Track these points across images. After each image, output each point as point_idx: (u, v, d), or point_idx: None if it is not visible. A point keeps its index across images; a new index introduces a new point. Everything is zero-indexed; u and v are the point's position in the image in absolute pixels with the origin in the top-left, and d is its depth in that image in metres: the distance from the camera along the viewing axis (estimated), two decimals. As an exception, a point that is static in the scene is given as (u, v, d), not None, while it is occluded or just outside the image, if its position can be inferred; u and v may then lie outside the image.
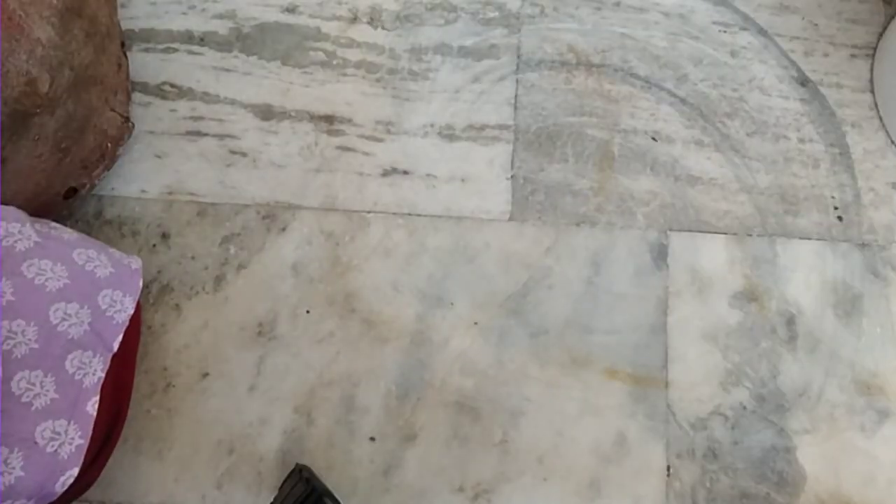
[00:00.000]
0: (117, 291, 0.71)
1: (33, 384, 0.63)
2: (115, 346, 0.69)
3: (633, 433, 0.81)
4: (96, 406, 0.66)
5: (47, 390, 0.63)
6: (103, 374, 0.67)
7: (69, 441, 0.63)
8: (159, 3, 0.97)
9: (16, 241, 0.66)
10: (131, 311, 0.71)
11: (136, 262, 0.75)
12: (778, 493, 0.79)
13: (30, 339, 0.63)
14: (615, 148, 0.91)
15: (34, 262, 0.66)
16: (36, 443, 0.62)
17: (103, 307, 0.69)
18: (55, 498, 0.64)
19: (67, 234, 0.72)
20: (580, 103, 0.93)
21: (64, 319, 0.66)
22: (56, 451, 0.62)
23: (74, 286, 0.67)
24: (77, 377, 0.65)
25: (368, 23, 0.96)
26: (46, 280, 0.66)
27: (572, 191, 0.89)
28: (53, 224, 0.73)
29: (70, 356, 0.65)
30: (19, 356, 0.62)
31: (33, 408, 0.62)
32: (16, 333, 0.62)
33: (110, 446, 0.72)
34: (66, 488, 0.63)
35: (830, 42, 0.97)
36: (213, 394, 0.81)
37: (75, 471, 0.63)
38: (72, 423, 0.64)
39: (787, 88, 0.94)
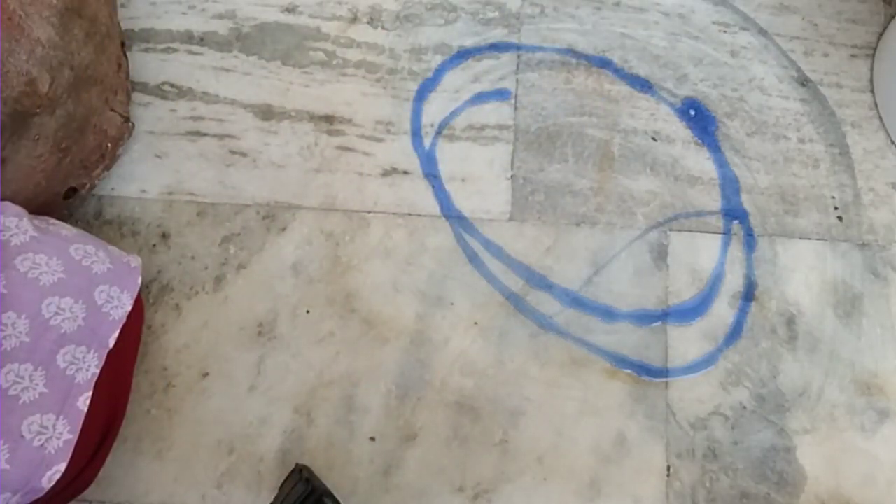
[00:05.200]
0: (114, 287, 0.70)
1: (22, 377, 0.62)
2: (111, 343, 0.69)
3: (633, 433, 0.81)
4: (88, 402, 0.66)
5: (36, 384, 0.63)
6: (98, 371, 0.67)
7: (57, 436, 0.63)
8: (159, 3, 0.97)
9: (11, 236, 0.66)
10: (128, 308, 0.71)
11: (135, 261, 0.75)
12: (778, 493, 0.79)
13: (20, 332, 0.63)
14: (615, 148, 0.91)
15: (28, 257, 0.66)
16: (22, 436, 0.61)
17: (99, 303, 0.69)
18: (42, 494, 0.63)
19: (66, 230, 0.72)
20: (580, 103, 0.93)
21: (57, 314, 0.65)
22: (43, 445, 0.62)
23: (69, 281, 0.67)
24: (69, 372, 0.65)
25: (368, 23, 0.96)
26: (40, 274, 0.66)
27: (572, 191, 0.89)
28: (52, 220, 0.72)
29: (62, 351, 0.65)
30: (9, 349, 0.62)
31: (21, 401, 0.62)
32: (6, 326, 0.62)
33: (107, 445, 0.72)
34: (53, 484, 0.63)
35: (830, 42, 0.97)
36: (213, 394, 0.81)
37: (62, 466, 0.63)
38: (60, 418, 0.64)
39: (787, 88, 0.95)
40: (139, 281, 0.73)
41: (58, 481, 0.63)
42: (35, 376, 0.63)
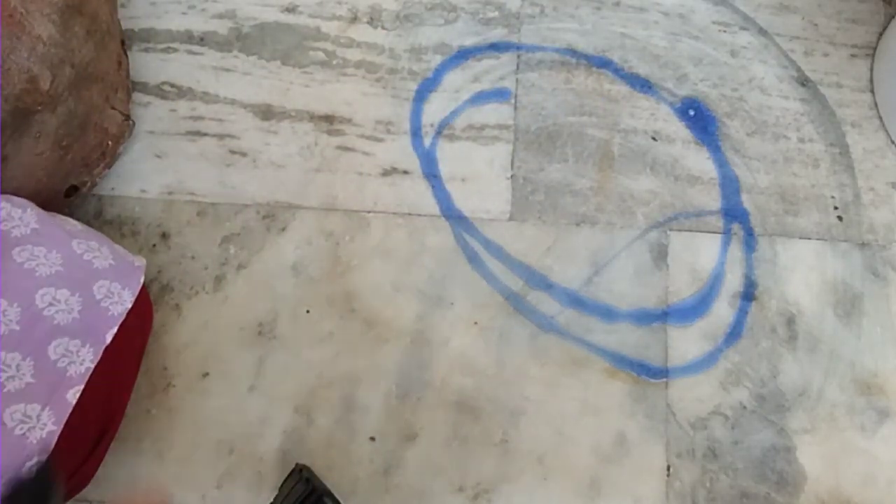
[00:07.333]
0: (115, 283, 0.70)
1: (9, 366, 0.62)
2: (109, 339, 0.68)
3: (633, 433, 0.81)
4: (78, 395, 0.65)
5: (24, 374, 0.62)
6: (92, 366, 0.66)
7: (41, 426, 0.62)
8: (159, 2, 0.97)
9: (13, 227, 0.66)
10: (129, 305, 0.70)
11: (139, 261, 0.74)
12: (778, 493, 0.79)
13: (10, 320, 0.62)
14: (615, 148, 0.91)
15: (27, 248, 0.66)
16: (4, 424, 0.61)
17: (98, 297, 0.68)
18: None
19: (70, 225, 0.72)
20: (580, 103, 0.93)
21: (51, 305, 0.65)
22: (25, 434, 0.61)
23: (67, 274, 0.66)
24: (60, 364, 0.64)
25: (368, 23, 0.97)
26: (37, 265, 0.65)
27: (572, 191, 0.89)
28: (59, 216, 0.72)
29: (54, 342, 0.64)
30: None
31: (5, 389, 0.61)
32: None
33: (105, 442, 0.72)
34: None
35: (830, 42, 0.97)
36: (213, 394, 0.81)
37: (44, 458, 0.62)
38: (47, 409, 0.63)
39: (787, 88, 0.95)
40: (141, 280, 0.72)
41: None
42: (23, 366, 0.62)
